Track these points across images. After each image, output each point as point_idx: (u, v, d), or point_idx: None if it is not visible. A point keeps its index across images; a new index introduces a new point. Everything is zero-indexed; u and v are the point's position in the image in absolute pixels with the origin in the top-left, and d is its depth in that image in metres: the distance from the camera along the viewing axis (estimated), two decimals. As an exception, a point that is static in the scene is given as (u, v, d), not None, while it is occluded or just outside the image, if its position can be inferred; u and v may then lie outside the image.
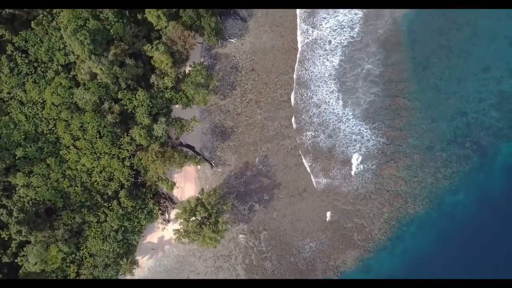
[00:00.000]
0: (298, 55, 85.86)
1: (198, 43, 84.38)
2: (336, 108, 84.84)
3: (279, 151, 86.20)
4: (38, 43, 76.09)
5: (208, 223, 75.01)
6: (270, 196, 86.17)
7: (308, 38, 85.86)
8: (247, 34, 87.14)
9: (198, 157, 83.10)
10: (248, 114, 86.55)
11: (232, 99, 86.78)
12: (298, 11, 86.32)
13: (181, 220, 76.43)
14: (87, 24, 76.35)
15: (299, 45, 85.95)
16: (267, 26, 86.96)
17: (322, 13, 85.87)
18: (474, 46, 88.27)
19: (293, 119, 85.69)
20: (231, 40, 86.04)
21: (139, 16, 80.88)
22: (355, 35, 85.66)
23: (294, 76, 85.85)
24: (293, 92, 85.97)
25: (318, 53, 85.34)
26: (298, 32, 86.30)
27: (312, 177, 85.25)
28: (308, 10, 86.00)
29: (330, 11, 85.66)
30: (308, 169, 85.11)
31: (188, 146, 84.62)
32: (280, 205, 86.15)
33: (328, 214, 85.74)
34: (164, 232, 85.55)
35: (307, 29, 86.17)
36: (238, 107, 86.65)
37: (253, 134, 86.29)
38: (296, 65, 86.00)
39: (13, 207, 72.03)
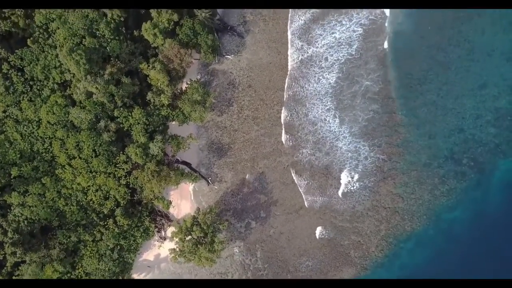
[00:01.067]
0: (289, 72, 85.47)
1: (195, 59, 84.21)
2: (333, 126, 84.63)
3: (276, 168, 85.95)
4: (34, 61, 75.89)
5: (204, 243, 74.67)
6: (267, 213, 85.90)
7: (303, 55, 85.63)
8: (244, 50, 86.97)
9: (195, 174, 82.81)
10: (245, 130, 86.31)
11: (229, 115, 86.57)
12: (290, 27, 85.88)
13: (177, 240, 76.05)
14: (83, 42, 76.51)
15: (290, 63, 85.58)
16: (264, 42, 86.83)
17: (317, 29, 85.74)
18: (471, 63, 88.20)
19: (283, 137, 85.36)
20: (228, 56, 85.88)
21: (135, 33, 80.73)
22: (353, 52, 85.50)
23: (285, 94, 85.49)
24: (283, 109, 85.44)
25: (314, 70, 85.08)
26: (290, 50, 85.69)
27: (303, 196, 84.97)
28: (303, 26, 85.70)
29: (327, 27, 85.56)
30: (300, 189, 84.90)
31: (184, 162, 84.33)
32: (277, 222, 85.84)
33: (325, 231, 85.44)
34: (160, 249, 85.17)
35: (302, 45, 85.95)
36: (235, 124, 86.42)
37: (250, 150, 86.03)
38: (287, 82, 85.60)
39: (8, 228, 71.63)
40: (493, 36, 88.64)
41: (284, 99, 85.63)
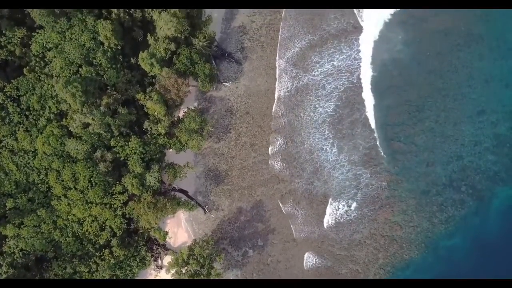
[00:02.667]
0: (281, 100, 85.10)
1: (192, 85, 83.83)
2: (331, 155, 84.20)
3: (274, 195, 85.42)
4: (30, 90, 75.41)
5: (201, 275, 74.07)
6: (264, 242, 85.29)
7: (298, 82, 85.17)
8: (242, 77, 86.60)
9: (192, 202, 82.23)
10: (243, 157, 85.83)
11: (226, 142, 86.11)
12: (284, 55, 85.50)
13: (173, 272, 75.47)
14: (80, 71, 76.13)
15: (282, 91, 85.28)
16: (261, 68, 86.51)
17: (314, 57, 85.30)
18: (470, 89, 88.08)
19: (277, 165, 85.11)
20: (226, 84, 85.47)
21: (132, 61, 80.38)
22: (355, 80, 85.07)
23: (278, 121, 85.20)
24: (278, 137, 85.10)
25: (309, 98, 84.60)
26: (284, 77, 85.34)
27: (300, 226, 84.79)
28: (299, 53, 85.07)
29: (324, 55, 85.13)
30: (297, 218, 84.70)
31: (181, 190, 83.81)
32: (275, 251, 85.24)
33: (323, 259, 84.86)
34: (156, 278, 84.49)
35: (297, 73, 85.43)
36: (232, 150, 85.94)
37: (248, 177, 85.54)
38: (279, 110, 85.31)
39: (2, 262, 71.00)
40: (491, 62, 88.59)
41: (278, 127, 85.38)
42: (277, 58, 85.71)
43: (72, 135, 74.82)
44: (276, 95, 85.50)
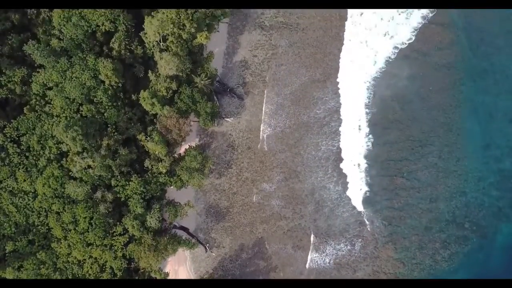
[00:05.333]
0: (274, 135, 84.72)
1: (194, 121, 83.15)
2: (334, 193, 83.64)
3: (276, 232, 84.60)
4: (30, 129, 74.79)
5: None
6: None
7: (297, 119, 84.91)
8: (244, 112, 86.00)
9: (192, 240, 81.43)
10: (244, 193, 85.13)
11: (227, 178, 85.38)
12: (277, 91, 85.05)
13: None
14: (80, 109, 75.51)
15: (272, 129, 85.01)
16: (263, 104, 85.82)
17: (316, 92, 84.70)
18: (474, 124, 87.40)
19: (273, 199, 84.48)
20: (228, 119, 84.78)
21: (133, 97, 79.77)
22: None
23: (272, 159, 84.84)
24: (274, 175, 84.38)
25: (310, 136, 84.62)
26: (275, 114, 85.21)
27: (293, 265, 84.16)
28: (299, 88, 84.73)
29: (328, 91, 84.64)
30: (291, 260, 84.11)
31: (182, 228, 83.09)
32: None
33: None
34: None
35: (296, 110, 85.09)
36: (233, 186, 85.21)
37: (249, 214, 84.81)
38: (274, 144, 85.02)
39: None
40: (495, 96, 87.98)
41: (280, 163, 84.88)
42: (273, 94, 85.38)
43: (72, 176, 74.12)
44: (270, 132, 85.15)
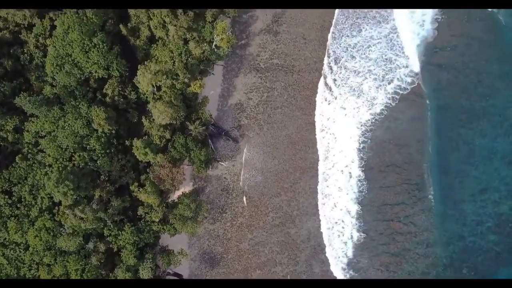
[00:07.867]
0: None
1: (188, 165, 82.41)
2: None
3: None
4: (22, 180, 74.15)
5: None
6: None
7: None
8: (239, 155, 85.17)
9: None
10: (239, 239, 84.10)
11: (222, 223, 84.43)
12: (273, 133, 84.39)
13: None
14: (73, 158, 74.84)
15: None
16: (258, 147, 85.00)
17: (309, 134, 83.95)
18: (471, 166, 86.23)
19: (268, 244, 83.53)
20: (222, 163, 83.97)
21: (127, 143, 79.03)
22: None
23: (267, 202, 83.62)
24: (269, 219, 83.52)
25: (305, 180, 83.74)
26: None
27: None
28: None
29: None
30: None
31: (176, 274, 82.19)
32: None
33: None
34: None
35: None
36: (228, 232, 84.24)
37: (244, 260, 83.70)
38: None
39: None
40: (493, 139, 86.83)
41: (275, 207, 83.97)
42: (269, 137, 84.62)
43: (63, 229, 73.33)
44: (264, 176, 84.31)
